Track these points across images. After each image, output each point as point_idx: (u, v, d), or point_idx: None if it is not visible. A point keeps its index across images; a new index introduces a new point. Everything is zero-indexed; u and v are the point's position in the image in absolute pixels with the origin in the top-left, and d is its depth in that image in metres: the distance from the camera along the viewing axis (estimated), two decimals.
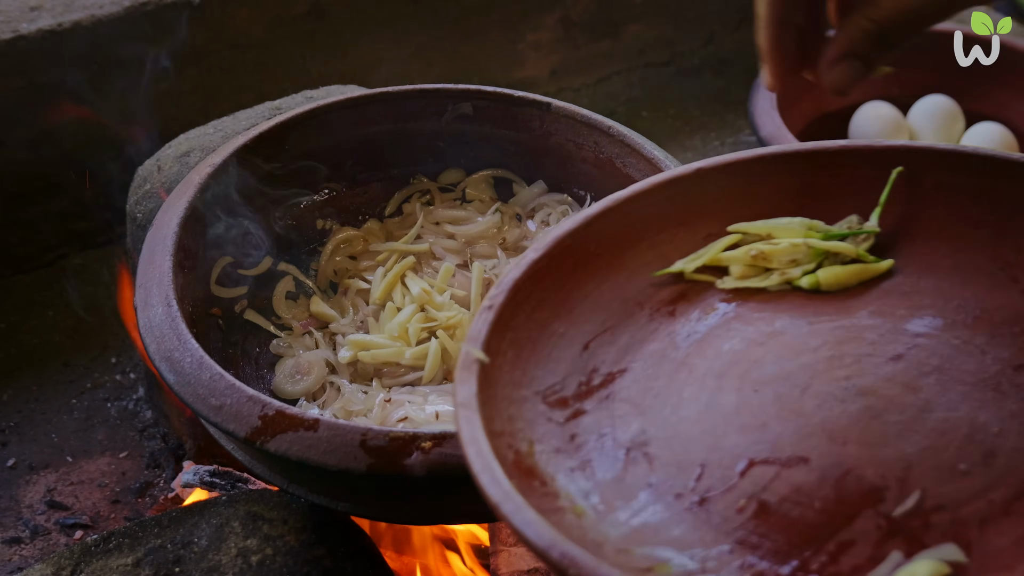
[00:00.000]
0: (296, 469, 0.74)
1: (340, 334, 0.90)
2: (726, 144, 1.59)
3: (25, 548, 1.04)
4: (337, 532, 0.78)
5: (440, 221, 0.97)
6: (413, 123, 0.97)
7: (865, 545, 0.50)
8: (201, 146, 1.06)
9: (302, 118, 0.92)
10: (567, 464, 0.56)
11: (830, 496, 0.52)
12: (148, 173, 1.07)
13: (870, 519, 0.51)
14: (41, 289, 1.33)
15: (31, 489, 1.10)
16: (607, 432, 0.58)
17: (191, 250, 0.83)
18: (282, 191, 0.92)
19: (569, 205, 0.97)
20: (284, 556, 0.75)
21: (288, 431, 0.69)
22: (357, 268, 0.95)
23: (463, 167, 1.00)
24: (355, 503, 0.75)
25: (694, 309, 0.65)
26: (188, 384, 0.72)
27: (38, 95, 1.25)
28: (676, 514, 0.53)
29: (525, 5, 1.54)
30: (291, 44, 1.39)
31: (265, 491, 0.83)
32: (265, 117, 1.07)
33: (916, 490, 0.52)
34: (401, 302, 0.90)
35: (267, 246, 0.91)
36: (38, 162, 1.28)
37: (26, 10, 1.26)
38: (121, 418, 1.18)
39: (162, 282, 0.78)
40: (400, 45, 1.48)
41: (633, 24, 1.64)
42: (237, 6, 1.33)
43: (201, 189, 0.85)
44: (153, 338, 0.75)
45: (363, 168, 0.97)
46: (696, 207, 0.68)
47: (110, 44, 1.26)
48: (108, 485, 1.11)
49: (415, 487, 0.70)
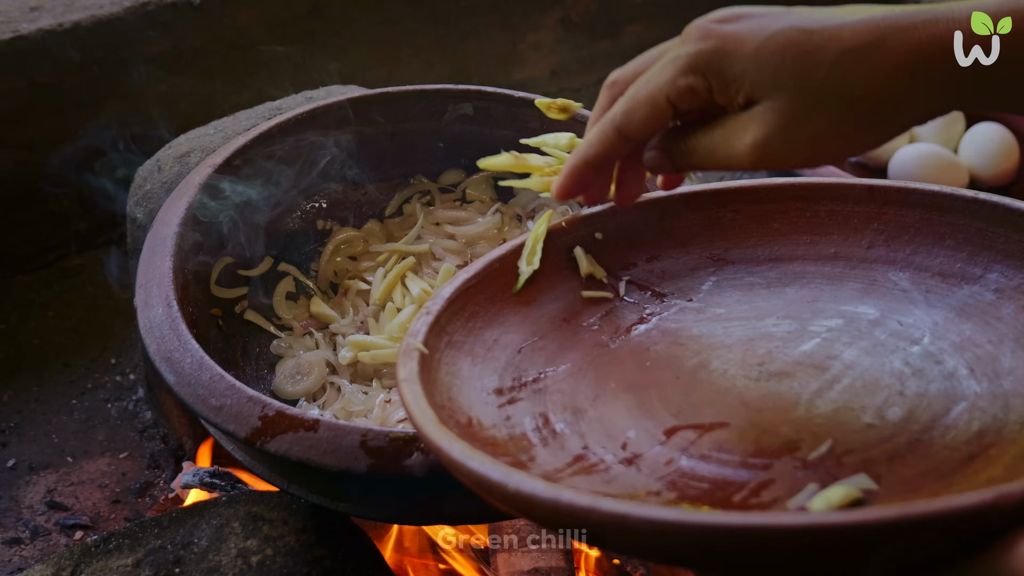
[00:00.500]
0: (296, 470, 0.73)
1: (340, 335, 0.90)
2: None
3: (25, 548, 1.04)
4: (337, 532, 0.78)
5: (440, 222, 0.97)
6: (413, 123, 0.97)
7: (783, 482, 0.56)
8: (201, 146, 1.06)
9: (302, 118, 0.92)
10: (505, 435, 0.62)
11: (749, 449, 0.58)
12: (148, 173, 1.07)
13: (787, 463, 0.57)
14: (41, 289, 1.33)
15: (31, 489, 1.10)
16: (540, 413, 0.64)
17: (191, 250, 0.83)
18: (282, 191, 0.92)
19: (568, 206, 0.97)
20: (284, 557, 0.75)
21: (288, 432, 0.69)
22: (357, 269, 0.95)
23: (463, 167, 1.00)
24: (355, 503, 0.75)
25: (617, 323, 0.72)
26: (188, 384, 0.72)
27: (38, 95, 1.25)
28: (607, 469, 0.59)
29: (525, 5, 1.54)
30: (291, 44, 1.39)
31: (264, 491, 0.83)
32: (265, 117, 1.07)
33: (828, 440, 0.58)
34: (401, 303, 0.90)
35: (267, 247, 0.91)
36: (38, 162, 1.28)
37: (26, 10, 1.26)
38: (121, 419, 1.18)
39: (162, 282, 0.78)
40: (400, 45, 1.48)
41: (633, 24, 1.64)
42: (237, 6, 1.33)
43: (201, 189, 0.85)
44: (153, 338, 0.75)
45: (363, 168, 0.97)
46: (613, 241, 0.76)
47: (110, 44, 1.26)
48: (108, 486, 1.11)
49: (415, 487, 0.70)
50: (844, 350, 0.65)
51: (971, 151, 1.41)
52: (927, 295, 0.69)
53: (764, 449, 0.58)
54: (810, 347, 0.66)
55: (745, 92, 0.59)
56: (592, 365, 0.68)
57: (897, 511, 0.44)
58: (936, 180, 1.37)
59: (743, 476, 0.57)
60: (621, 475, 0.59)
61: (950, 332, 0.66)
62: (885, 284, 0.71)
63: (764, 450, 0.58)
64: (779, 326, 0.69)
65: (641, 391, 0.65)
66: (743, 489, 0.56)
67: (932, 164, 1.37)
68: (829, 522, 0.46)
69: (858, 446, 0.57)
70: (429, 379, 0.62)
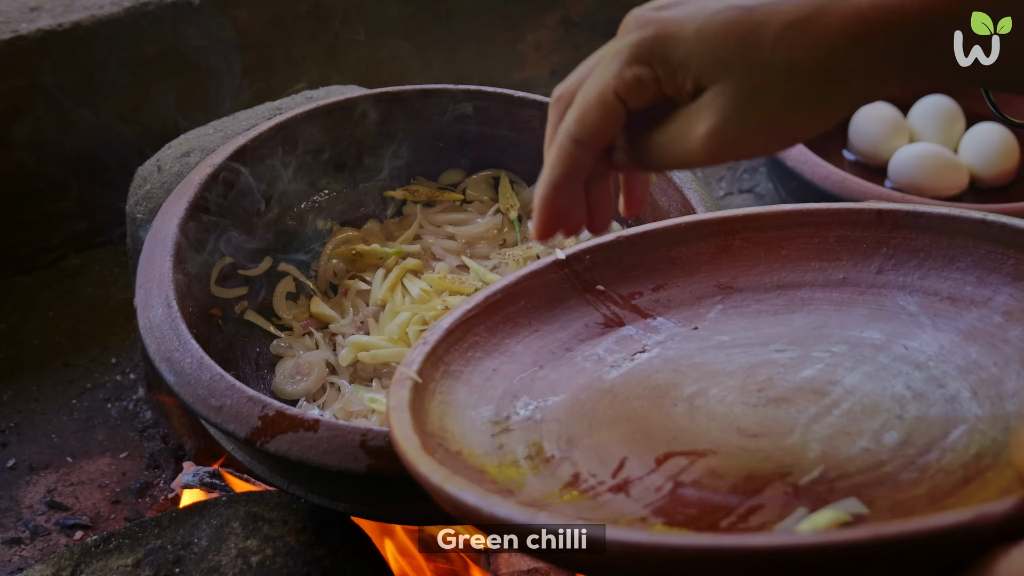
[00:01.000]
0: (296, 470, 0.74)
1: (340, 335, 0.90)
2: None
3: (25, 548, 1.04)
4: (337, 532, 0.78)
5: (440, 223, 0.97)
6: (413, 123, 0.97)
7: (773, 507, 0.55)
8: (201, 146, 1.06)
9: (302, 118, 0.92)
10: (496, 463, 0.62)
11: (740, 475, 0.57)
12: (148, 173, 1.07)
13: (778, 488, 0.56)
14: (41, 289, 1.33)
15: (31, 489, 1.10)
16: (533, 442, 0.64)
17: (191, 250, 0.83)
18: (282, 191, 0.92)
19: None
20: (284, 556, 0.75)
21: (288, 432, 0.69)
22: (357, 269, 0.94)
23: (463, 167, 1.00)
24: (355, 503, 0.75)
25: (619, 352, 0.71)
26: (188, 384, 0.72)
27: (38, 95, 1.25)
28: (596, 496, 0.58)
29: (525, 5, 1.54)
30: (291, 44, 1.39)
31: (264, 491, 0.83)
32: (265, 117, 1.07)
33: (820, 465, 0.57)
34: (401, 303, 0.90)
35: (267, 246, 0.91)
36: (38, 162, 1.28)
37: (26, 10, 1.26)
38: (121, 418, 1.18)
39: (162, 282, 0.78)
40: (400, 45, 1.48)
41: None
42: (237, 6, 1.33)
43: (201, 189, 0.85)
44: (153, 338, 0.75)
45: (363, 168, 0.97)
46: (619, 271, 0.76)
47: (110, 44, 1.26)
48: (108, 485, 1.11)
49: (415, 488, 0.70)
50: (846, 375, 0.64)
51: (971, 151, 1.41)
52: (935, 319, 0.68)
53: (756, 475, 0.57)
54: (812, 373, 0.65)
55: (692, 78, 0.57)
56: (590, 394, 0.68)
57: (871, 531, 0.44)
58: (936, 180, 1.38)
59: (732, 502, 0.56)
60: (610, 501, 0.58)
61: (956, 355, 0.65)
62: (893, 309, 0.70)
63: (756, 476, 0.57)
64: (783, 352, 0.68)
65: (637, 419, 0.64)
66: (731, 514, 0.55)
67: (932, 164, 1.37)
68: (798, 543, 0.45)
69: (852, 470, 0.56)
70: (421, 408, 0.63)
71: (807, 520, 0.52)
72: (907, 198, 1.31)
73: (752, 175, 1.53)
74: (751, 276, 0.75)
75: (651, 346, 0.72)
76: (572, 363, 0.71)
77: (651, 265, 0.76)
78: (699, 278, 0.76)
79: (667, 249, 0.76)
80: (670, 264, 0.76)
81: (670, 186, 0.88)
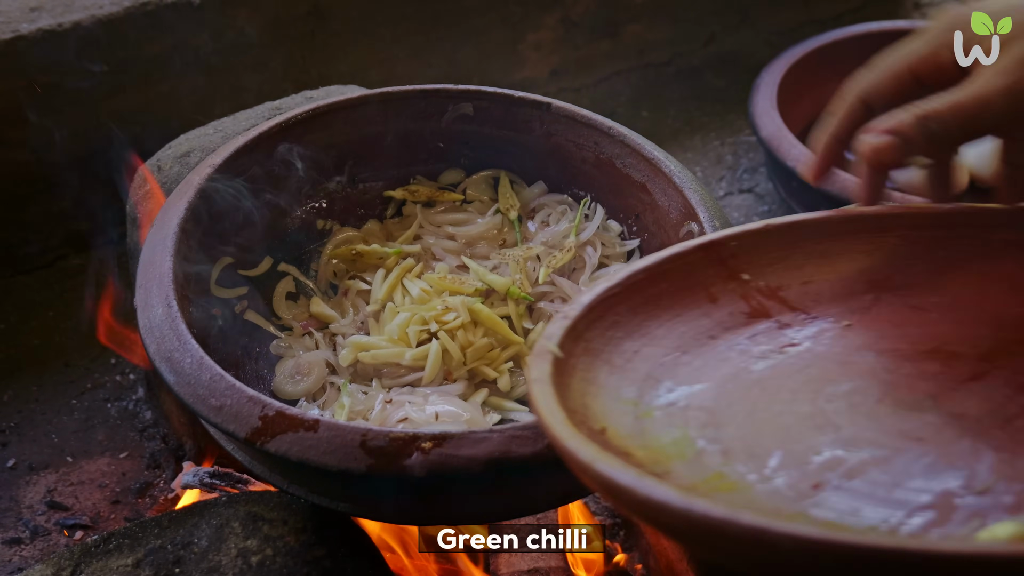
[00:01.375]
0: (296, 470, 0.74)
1: (340, 335, 0.90)
2: (726, 144, 1.59)
3: (25, 548, 1.04)
4: (337, 532, 0.78)
5: (440, 223, 0.97)
6: (413, 123, 0.97)
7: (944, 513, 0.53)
8: (201, 146, 1.06)
9: (302, 118, 0.92)
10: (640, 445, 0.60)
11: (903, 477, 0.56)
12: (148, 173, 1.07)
13: (947, 495, 0.54)
14: (41, 289, 1.33)
15: (31, 489, 1.10)
16: (679, 428, 0.62)
17: (191, 250, 0.83)
18: (282, 191, 0.92)
19: (568, 206, 0.97)
20: (284, 556, 0.75)
21: (288, 432, 0.69)
22: (357, 269, 0.94)
23: (463, 167, 1.00)
24: (355, 503, 0.75)
25: (766, 345, 0.70)
26: (188, 384, 0.72)
27: (38, 95, 1.25)
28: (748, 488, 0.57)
29: (525, 5, 1.53)
30: (291, 44, 1.39)
31: (264, 491, 0.83)
32: (265, 117, 1.07)
33: (993, 475, 0.55)
34: (401, 303, 0.90)
35: (267, 246, 0.91)
36: (38, 162, 1.28)
37: (26, 10, 1.26)
38: (121, 418, 1.18)
39: (162, 282, 0.78)
40: (400, 45, 1.48)
41: (633, 24, 1.64)
42: (237, 6, 1.33)
43: (201, 189, 0.85)
44: (153, 338, 0.75)
45: (363, 168, 0.97)
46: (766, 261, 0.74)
47: (110, 44, 1.26)
48: (108, 485, 1.11)
49: (415, 487, 0.70)
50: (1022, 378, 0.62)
51: (971, 151, 1.41)
52: None
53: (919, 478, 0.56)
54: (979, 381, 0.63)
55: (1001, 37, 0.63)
56: (736, 385, 0.66)
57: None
58: None
59: (900, 504, 0.55)
60: (763, 495, 0.56)
61: None
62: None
63: (918, 479, 0.56)
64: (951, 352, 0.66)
65: (789, 413, 0.63)
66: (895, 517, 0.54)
67: None
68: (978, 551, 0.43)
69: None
70: (562, 382, 0.61)
71: (985, 531, 0.51)
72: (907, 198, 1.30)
73: (752, 175, 1.53)
74: (906, 275, 0.73)
75: (801, 340, 0.70)
76: (716, 351, 0.69)
77: (800, 257, 0.74)
78: (851, 273, 0.73)
79: (817, 242, 0.74)
80: (820, 257, 0.74)
81: (670, 186, 0.88)
